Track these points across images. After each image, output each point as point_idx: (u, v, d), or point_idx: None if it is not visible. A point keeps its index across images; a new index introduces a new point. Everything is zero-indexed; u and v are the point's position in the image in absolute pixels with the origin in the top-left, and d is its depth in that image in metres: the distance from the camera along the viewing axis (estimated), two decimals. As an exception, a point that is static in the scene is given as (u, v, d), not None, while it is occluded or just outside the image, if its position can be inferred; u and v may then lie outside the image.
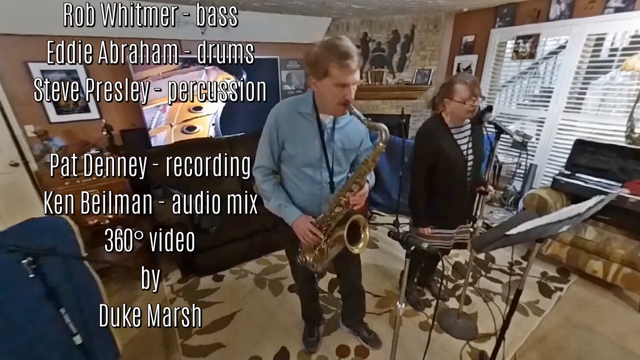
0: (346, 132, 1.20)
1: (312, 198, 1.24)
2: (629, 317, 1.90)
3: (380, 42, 3.75)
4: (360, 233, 1.21)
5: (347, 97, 1.03)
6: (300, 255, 1.31)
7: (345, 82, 1.00)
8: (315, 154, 1.17)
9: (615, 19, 2.49)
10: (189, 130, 3.11)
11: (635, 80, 2.48)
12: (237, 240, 2.37)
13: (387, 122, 3.84)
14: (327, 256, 1.25)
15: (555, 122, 2.98)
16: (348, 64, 0.98)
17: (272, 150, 1.21)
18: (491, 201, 3.38)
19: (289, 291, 2.16)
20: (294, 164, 1.21)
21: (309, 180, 1.21)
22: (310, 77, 1.08)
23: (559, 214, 1.04)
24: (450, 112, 1.49)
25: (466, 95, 1.40)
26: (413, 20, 3.57)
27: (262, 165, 1.25)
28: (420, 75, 3.70)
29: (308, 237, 1.19)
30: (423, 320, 1.90)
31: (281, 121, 1.15)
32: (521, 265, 2.41)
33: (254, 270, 2.39)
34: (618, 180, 2.19)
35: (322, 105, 1.13)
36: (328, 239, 1.22)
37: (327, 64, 0.99)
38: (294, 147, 1.17)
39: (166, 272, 2.35)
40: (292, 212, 1.22)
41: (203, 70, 3.01)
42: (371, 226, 3.02)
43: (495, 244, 1.06)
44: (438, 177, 1.56)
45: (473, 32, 3.51)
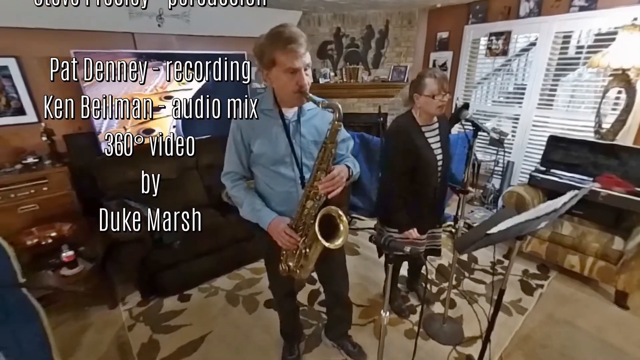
0: (314, 123, 1.21)
1: (288, 197, 1.23)
2: (606, 310, 2.07)
3: (354, 38, 3.83)
4: (338, 224, 1.17)
5: (299, 82, 1.05)
6: (282, 263, 1.28)
7: (293, 67, 1.03)
8: (282, 150, 1.18)
9: (580, 17, 2.74)
10: (147, 133, 2.98)
11: (601, 77, 2.73)
12: (205, 255, 2.30)
13: (364, 122, 3.91)
14: (309, 259, 1.22)
15: (529, 118, 3.20)
16: (293, 48, 1.01)
17: (239, 154, 1.22)
18: (471, 200, 3.56)
19: (265, 307, 2.13)
20: (263, 164, 1.22)
21: (281, 179, 1.22)
22: (262, 70, 1.11)
23: (536, 210, 1.11)
24: (420, 108, 1.53)
25: (435, 90, 1.45)
26: (387, 15, 3.70)
27: (230, 171, 1.26)
28: (396, 72, 3.82)
29: (285, 239, 1.17)
30: (408, 327, 1.94)
31: (243, 123, 1.17)
32: (503, 264, 2.55)
33: (225, 287, 2.33)
34: (590, 175, 2.39)
35: (281, 98, 1.15)
36: (305, 238, 1.18)
37: (273, 53, 1.03)
38: (260, 146, 1.18)
39: (123, 295, 2.23)
40: (267, 214, 1.21)
41: (161, 67, 2.90)
42: (351, 232, 3.05)
43: (477, 244, 1.11)
44: (411, 179, 1.60)
45: (447, 28, 3.70)
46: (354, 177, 1.26)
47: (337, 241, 1.15)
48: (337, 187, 1.09)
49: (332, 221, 1.17)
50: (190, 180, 2.74)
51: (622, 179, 2.23)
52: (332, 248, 1.12)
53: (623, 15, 2.43)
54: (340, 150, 1.29)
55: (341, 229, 1.17)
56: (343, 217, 1.17)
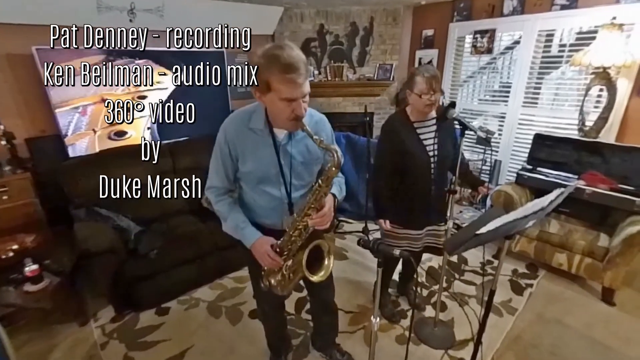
0: (305, 143, 1.20)
1: (273, 213, 1.25)
2: (594, 307, 2.16)
3: (338, 35, 3.87)
4: (324, 258, 1.25)
5: (296, 112, 1.02)
6: (264, 278, 1.30)
7: (292, 97, 1.00)
8: (271, 170, 1.17)
9: (562, 16, 2.86)
10: (118, 135, 2.89)
11: (583, 75, 2.86)
12: (184, 264, 2.26)
13: (350, 121, 3.93)
14: (291, 281, 1.27)
15: (515, 117, 3.31)
16: (292, 79, 0.96)
17: (226, 168, 1.20)
18: (460, 200, 3.64)
19: (249, 317, 2.10)
20: (249, 181, 1.22)
21: (267, 197, 1.22)
22: (254, 90, 1.06)
23: (524, 209, 1.15)
24: (411, 105, 1.62)
25: (424, 89, 1.51)
26: (371, 12, 3.75)
27: (214, 185, 1.24)
28: (382, 70, 3.88)
29: (267, 261, 1.20)
30: (400, 333, 1.96)
31: (231, 138, 1.15)
32: (493, 265, 2.61)
33: (206, 298, 2.29)
34: (575, 173, 2.50)
35: (273, 120, 1.13)
36: (290, 263, 1.23)
37: (269, 77, 0.98)
38: (248, 164, 1.17)
39: (94, 311, 2.15)
40: (251, 234, 1.22)
41: (133, 65, 2.83)
42: (339, 235, 3.06)
43: (467, 245, 1.14)
44: (401, 176, 1.67)
45: (432, 26, 3.79)
46: (339, 202, 1.29)
47: (320, 273, 1.24)
48: (325, 224, 1.14)
49: (319, 253, 1.24)
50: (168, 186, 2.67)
51: (605, 176, 2.34)
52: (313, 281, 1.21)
53: (602, 14, 2.56)
54: None
55: (326, 263, 1.25)
56: (332, 255, 1.26)
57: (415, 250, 1.80)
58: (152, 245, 2.17)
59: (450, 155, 1.69)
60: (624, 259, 2.05)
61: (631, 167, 2.32)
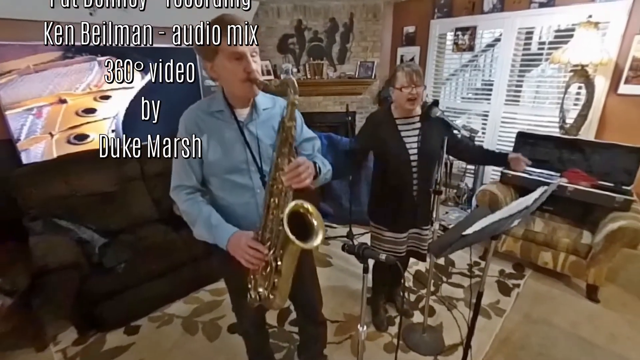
0: (272, 124, 1.20)
1: (247, 209, 1.19)
2: (579, 305, 2.27)
3: (317, 31, 3.89)
4: (310, 221, 1.09)
5: (247, 68, 1.05)
6: (251, 291, 1.20)
7: (238, 51, 1.03)
8: (238, 156, 1.15)
9: (540, 13, 3.01)
10: (79, 139, 2.78)
11: (562, 73, 3.02)
12: (155, 277, 2.20)
13: (332, 121, 3.95)
14: (283, 276, 1.14)
15: (498, 115, 3.44)
16: (234, 31, 1.02)
17: (191, 163, 1.17)
18: (445, 201, 3.73)
19: (228, 332, 2.07)
20: (216, 174, 1.18)
21: (237, 189, 1.18)
22: (205, 63, 1.10)
23: (509, 208, 1.20)
24: (395, 102, 1.70)
25: (404, 82, 1.59)
26: (351, 7, 3.80)
27: (180, 184, 1.20)
28: (363, 68, 3.93)
29: (249, 255, 1.07)
30: (388, 341, 1.98)
31: (192, 126, 1.14)
32: (480, 266, 2.70)
33: (181, 313, 2.23)
34: (557, 170, 2.62)
35: (231, 96, 1.14)
36: (275, 249, 1.09)
37: (213, 39, 1.03)
38: (212, 153, 1.15)
39: (54, 333, 2.05)
40: (225, 230, 1.13)
41: (95, 62, 2.73)
42: (322, 241, 3.06)
43: (453, 247, 1.17)
44: (382, 174, 1.75)
45: (413, 22, 3.89)
46: (325, 176, 1.24)
47: (316, 239, 1.06)
48: (304, 179, 1.02)
49: (303, 219, 1.10)
50: (135, 193, 2.60)
51: (586, 173, 2.47)
52: (308, 249, 1.07)
53: (579, 12, 2.71)
54: (305, 150, 1.29)
55: (315, 224, 1.08)
56: (312, 210, 1.09)
57: (398, 255, 1.83)
58: (118, 258, 2.10)
59: (436, 157, 1.73)
60: (606, 256, 2.16)
61: (611, 164, 2.46)
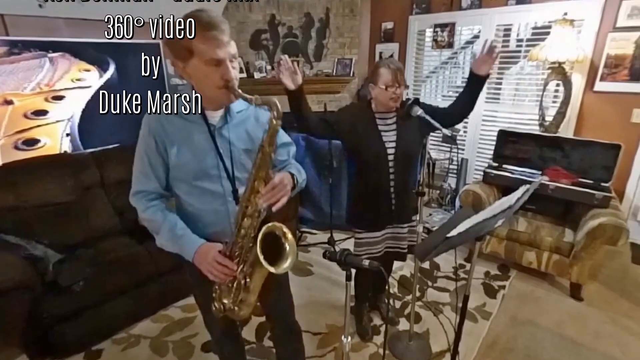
0: (245, 127, 1.18)
1: (216, 217, 1.18)
2: (563, 304, 2.37)
3: (292, 27, 3.89)
4: (283, 244, 1.12)
5: (225, 76, 1.01)
6: (215, 302, 1.20)
7: (217, 57, 0.99)
8: (206, 161, 1.12)
9: (518, 10, 3.15)
10: (28, 145, 2.63)
11: (540, 70, 3.17)
12: (119, 295, 2.12)
13: (309, 121, 3.76)
14: (251, 291, 1.16)
15: (479, 113, 3.56)
16: (215, 35, 0.97)
17: (154, 167, 1.13)
18: (429, 202, 3.81)
19: (202, 351, 2.01)
20: (183, 179, 1.14)
21: (207, 196, 1.16)
22: (176, 62, 1.05)
23: (492, 208, 1.23)
24: (375, 98, 1.70)
25: (389, 81, 1.60)
26: (327, 2, 3.83)
27: (142, 189, 1.15)
28: (341, 65, 3.97)
29: (216, 270, 1.08)
30: (373, 351, 1.99)
31: (156, 128, 1.10)
32: (465, 269, 2.77)
33: (148, 334, 2.15)
34: (538, 169, 2.74)
35: (204, 98, 1.10)
36: (244, 266, 1.11)
37: (189, 40, 0.98)
38: (180, 155, 1.11)
39: (2, 363, 1.93)
40: (191, 242, 1.12)
41: (45, 59, 2.61)
42: (302, 248, 3.05)
43: (438, 250, 1.19)
44: (359, 171, 1.76)
45: (392, 18, 3.97)
46: (300, 185, 1.24)
47: (284, 264, 1.10)
48: (280, 198, 1.04)
49: (276, 241, 1.13)
50: (94, 203, 2.50)
51: (567, 171, 2.60)
52: (277, 273, 1.08)
53: (555, 10, 2.86)
54: (280, 155, 1.27)
55: (287, 249, 1.12)
56: (289, 235, 1.13)
57: (375, 255, 1.84)
58: (76, 275, 2.00)
59: (413, 153, 1.77)
60: (588, 253, 2.28)
61: (589, 161, 2.60)
